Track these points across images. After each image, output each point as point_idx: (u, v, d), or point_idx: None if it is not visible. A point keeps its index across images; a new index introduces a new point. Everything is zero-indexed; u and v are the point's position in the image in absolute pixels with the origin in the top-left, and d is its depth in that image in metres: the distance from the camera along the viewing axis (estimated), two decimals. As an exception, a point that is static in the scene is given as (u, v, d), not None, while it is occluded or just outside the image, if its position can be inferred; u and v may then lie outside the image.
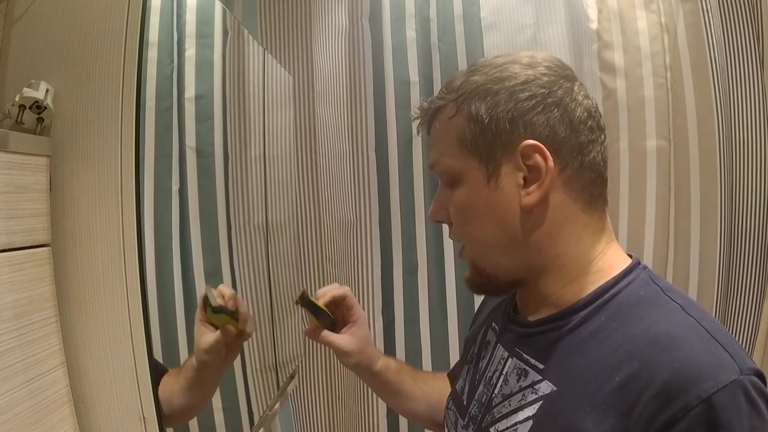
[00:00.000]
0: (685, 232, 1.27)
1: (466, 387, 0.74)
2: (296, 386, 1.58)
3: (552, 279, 0.62)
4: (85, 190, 0.72)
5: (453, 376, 0.83)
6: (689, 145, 1.26)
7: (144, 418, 0.72)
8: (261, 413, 1.21)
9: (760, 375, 0.48)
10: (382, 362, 0.87)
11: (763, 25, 1.27)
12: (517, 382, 0.62)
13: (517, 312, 0.68)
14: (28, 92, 0.69)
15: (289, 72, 1.56)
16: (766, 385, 0.48)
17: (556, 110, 0.59)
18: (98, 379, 0.72)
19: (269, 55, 1.41)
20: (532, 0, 1.43)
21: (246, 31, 1.22)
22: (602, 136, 0.62)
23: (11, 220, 0.64)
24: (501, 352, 0.67)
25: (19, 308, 0.64)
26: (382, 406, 1.49)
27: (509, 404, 0.61)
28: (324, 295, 0.85)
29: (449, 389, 0.82)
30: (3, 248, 0.62)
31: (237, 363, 1.10)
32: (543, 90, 0.59)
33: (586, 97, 0.62)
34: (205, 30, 1.00)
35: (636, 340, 0.52)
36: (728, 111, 1.28)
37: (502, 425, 0.61)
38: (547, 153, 0.57)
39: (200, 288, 0.95)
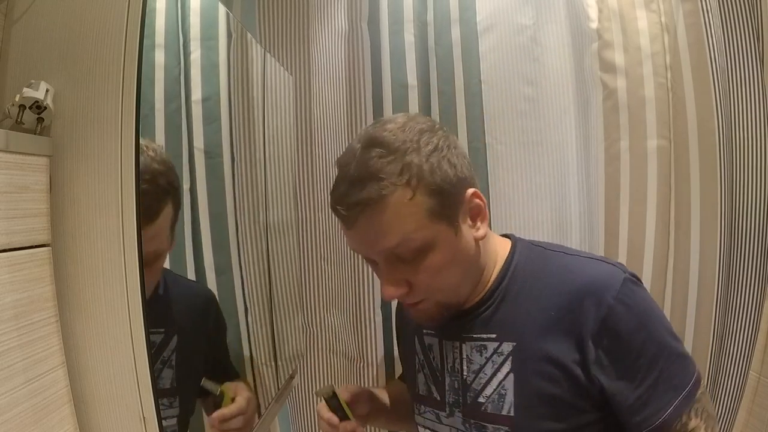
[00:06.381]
0: (685, 233, 1.27)
1: (432, 386, 0.84)
2: (296, 386, 1.58)
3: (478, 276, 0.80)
4: (85, 190, 0.72)
5: (411, 396, 0.93)
6: (689, 145, 1.26)
7: (144, 418, 0.72)
8: (261, 413, 1.20)
9: (633, 274, 0.73)
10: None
11: (763, 25, 1.27)
12: (481, 356, 0.76)
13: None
14: (28, 92, 0.69)
15: (288, 73, 1.56)
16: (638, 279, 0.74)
17: (464, 157, 0.75)
18: (98, 379, 0.72)
19: (270, 56, 1.41)
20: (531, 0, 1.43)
21: (249, 34, 1.22)
22: None
23: (11, 220, 0.64)
24: (449, 344, 0.81)
25: (19, 308, 0.64)
26: (383, 407, 1.49)
27: (485, 374, 0.75)
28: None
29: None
30: (3, 248, 0.62)
31: (237, 363, 1.10)
32: (455, 147, 0.74)
33: None
34: (209, 33, 1.00)
35: (551, 282, 0.74)
36: (728, 111, 1.27)
37: (488, 390, 0.75)
38: (480, 194, 0.74)
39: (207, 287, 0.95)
